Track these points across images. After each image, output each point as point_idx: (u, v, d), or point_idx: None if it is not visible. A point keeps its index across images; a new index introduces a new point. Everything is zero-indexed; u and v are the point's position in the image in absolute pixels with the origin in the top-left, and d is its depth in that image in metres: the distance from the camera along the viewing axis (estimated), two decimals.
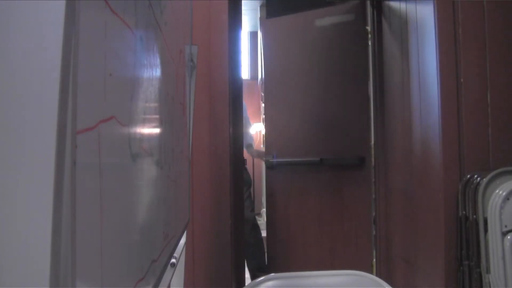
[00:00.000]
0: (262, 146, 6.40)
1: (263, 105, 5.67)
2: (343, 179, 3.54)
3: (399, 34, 2.95)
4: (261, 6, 4.94)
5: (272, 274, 1.52)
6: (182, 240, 1.54)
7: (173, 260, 1.30)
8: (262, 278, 1.48)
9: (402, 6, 2.84)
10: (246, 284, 1.47)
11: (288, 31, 3.79)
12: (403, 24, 2.84)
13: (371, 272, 3.15)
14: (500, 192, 2.07)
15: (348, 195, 3.51)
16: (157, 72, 0.83)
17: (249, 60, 8.24)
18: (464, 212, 2.20)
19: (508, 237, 2.02)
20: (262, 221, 6.54)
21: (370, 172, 3.38)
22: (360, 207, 3.42)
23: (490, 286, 2.03)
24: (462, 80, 2.29)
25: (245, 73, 8.21)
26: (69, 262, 0.36)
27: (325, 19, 3.60)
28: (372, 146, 3.39)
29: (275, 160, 3.77)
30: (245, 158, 3.39)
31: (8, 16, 0.35)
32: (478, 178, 2.17)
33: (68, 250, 0.36)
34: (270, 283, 1.47)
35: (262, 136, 6.74)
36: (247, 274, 3.30)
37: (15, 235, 0.34)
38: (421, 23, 2.57)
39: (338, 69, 3.55)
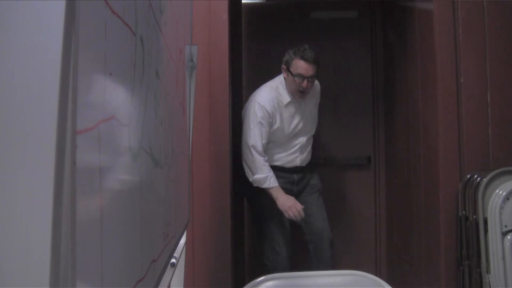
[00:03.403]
0: None
1: None
2: (346, 179, 3.52)
3: (401, 33, 2.95)
4: None
5: (272, 274, 1.52)
6: (182, 240, 1.54)
7: (173, 260, 1.30)
8: (262, 278, 1.48)
9: (403, 5, 2.84)
10: (246, 284, 1.47)
11: (290, 24, 3.61)
12: (404, 24, 2.84)
13: (373, 272, 3.15)
14: (500, 192, 2.07)
15: (351, 195, 3.49)
16: (157, 72, 0.83)
17: None
18: (464, 212, 2.20)
19: (508, 237, 2.02)
20: None
21: (373, 171, 3.37)
22: (362, 207, 3.41)
23: (490, 286, 2.03)
24: (462, 80, 2.29)
25: None
26: (69, 262, 0.36)
27: (326, 12, 3.55)
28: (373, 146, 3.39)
29: None
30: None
31: (8, 16, 0.35)
32: (478, 178, 2.17)
33: (68, 250, 0.36)
34: (270, 283, 1.47)
35: None
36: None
37: (15, 235, 0.34)
38: (421, 23, 2.57)
39: (341, 66, 3.52)
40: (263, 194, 2.52)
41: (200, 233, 2.27)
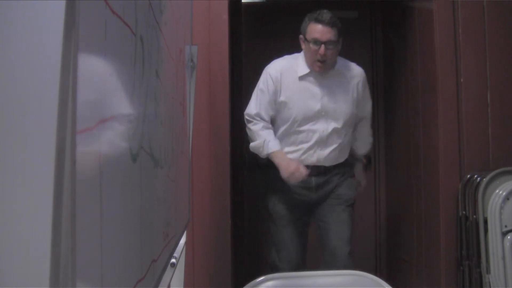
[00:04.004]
0: None
1: None
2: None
3: (401, 33, 2.95)
4: None
5: (272, 274, 1.52)
6: (182, 240, 1.54)
7: (173, 260, 1.30)
8: (262, 278, 1.48)
9: (403, 5, 2.84)
10: (246, 284, 1.47)
11: (290, 23, 3.59)
12: (404, 24, 2.84)
13: (373, 272, 3.15)
14: (500, 192, 2.07)
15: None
16: (157, 72, 0.83)
17: None
18: (464, 212, 2.20)
19: (508, 237, 2.02)
20: None
21: (373, 171, 3.37)
22: (362, 207, 3.40)
23: (490, 286, 2.03)
24: (462, 80, 2.29)
25: None
26: (69, 262, 0.36)
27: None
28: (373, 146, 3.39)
29: None
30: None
31: (8, 16, 0.35)
32: (478, 178, 2.17)
33: (68, 250, 0.36)
34: (270, 283, 1.47)
35: None
36: None
37: (15, 235, 0.34)
38: (421, 23, 2.57)
39: None
40: (278, 196, 2.22)
41: (200, 233, 2.27)
